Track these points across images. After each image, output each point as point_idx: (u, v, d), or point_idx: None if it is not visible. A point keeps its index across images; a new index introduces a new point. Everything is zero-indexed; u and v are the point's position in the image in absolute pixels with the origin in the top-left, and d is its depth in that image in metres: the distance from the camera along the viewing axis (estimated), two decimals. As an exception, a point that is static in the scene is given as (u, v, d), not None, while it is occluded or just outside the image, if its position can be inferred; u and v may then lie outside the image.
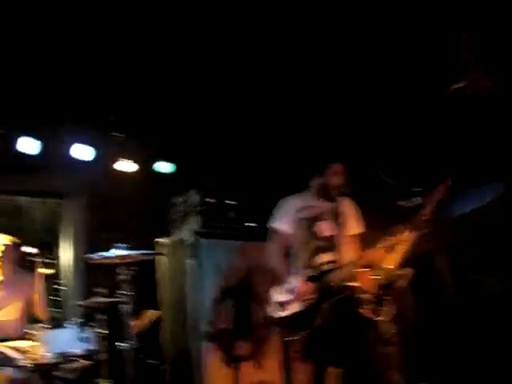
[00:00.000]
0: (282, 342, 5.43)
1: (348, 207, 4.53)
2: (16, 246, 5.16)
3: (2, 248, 5.06)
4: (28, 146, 5.67)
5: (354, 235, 4.50)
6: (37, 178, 5.98)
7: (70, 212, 6.38)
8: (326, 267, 4.25)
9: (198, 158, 6.35)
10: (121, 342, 4.41)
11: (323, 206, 4.45)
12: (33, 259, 4.88)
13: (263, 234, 5.32)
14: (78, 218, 6.32)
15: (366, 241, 4.45)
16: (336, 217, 4.42)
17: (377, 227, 4.43)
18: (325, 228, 4.39)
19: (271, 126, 5.98)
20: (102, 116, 5.89)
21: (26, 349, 4.20)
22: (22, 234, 5.54)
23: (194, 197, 5.92)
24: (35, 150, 5.69)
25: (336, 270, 4.20)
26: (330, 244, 4.35)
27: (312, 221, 4.40)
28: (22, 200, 7.05)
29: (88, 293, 4.74)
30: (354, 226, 4.53)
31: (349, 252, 4.35)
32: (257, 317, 5.59)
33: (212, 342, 5.34)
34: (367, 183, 4.53)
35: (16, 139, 5.65)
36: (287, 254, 4.45)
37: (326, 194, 4.45)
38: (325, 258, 4.30)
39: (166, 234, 6.03)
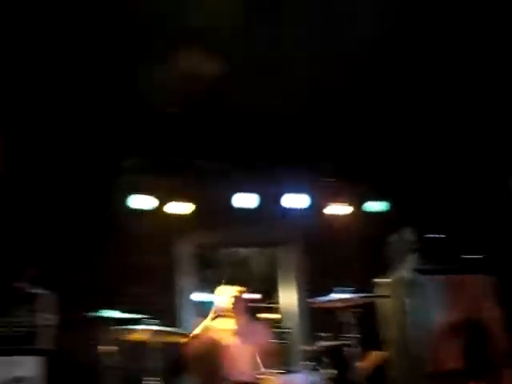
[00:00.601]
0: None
1: None
2: (243, 296, 5.48)
3: (232, 300, 5.40)
4: (245, 200, 6.06)
5: None
6: (255, 230, 6.33)
7: (288, 258, 6.63)
8: None
9: (410, 194, 6.27)
10: (348, 385, 4.44)
11: None
12: (257, 306, 5.15)
13: (484, 265, 5.07)
14: (296, 264, 6.54)
15: None
16: None
17: None
18: None
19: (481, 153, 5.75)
20: (312, 163, 6.10)
21: (260, 393, 4.41)
22: (246, 284, 5.87)
23: (409, 234, 5.83)
24: (253, 203, 6.07)
25: None
26: None
27: None
28: (243, 251, 7.49)
29: (313, 336, 4.84)
30: None
31: None
32: (490, 354, 5.27)
33: (441, 383, 5.13)
34: None
35: (233, 195, 6.08)
36: None
37: None
38: None
39: (385, 274, 5.98)
